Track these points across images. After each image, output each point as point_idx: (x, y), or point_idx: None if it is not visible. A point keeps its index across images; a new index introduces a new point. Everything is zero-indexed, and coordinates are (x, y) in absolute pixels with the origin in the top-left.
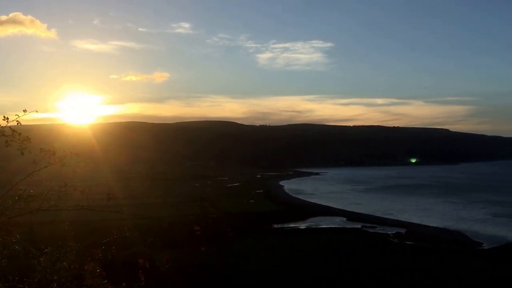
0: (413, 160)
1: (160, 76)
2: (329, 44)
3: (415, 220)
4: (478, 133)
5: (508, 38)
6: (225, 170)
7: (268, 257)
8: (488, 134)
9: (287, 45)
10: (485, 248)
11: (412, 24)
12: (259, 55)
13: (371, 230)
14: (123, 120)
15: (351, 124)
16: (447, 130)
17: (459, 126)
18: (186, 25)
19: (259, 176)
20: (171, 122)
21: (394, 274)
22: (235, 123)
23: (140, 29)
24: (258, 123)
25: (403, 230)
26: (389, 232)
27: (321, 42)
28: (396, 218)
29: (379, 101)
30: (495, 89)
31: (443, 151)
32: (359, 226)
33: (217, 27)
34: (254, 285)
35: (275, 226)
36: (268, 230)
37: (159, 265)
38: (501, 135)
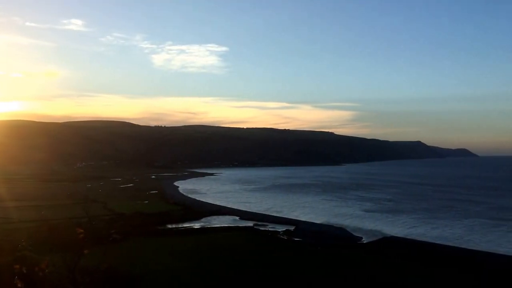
0: None
1: (50, 74)
2: (224, 48)
3: (302, 217)
4: (359, 136)
5: (385, 50)
6: (118, 171)
7: (159, 257)
8: (368, 138)
9: (183, 47)
10: (364, 242)
11: (301, 32)
12: (155, 56)
13: (262, 228)
14: (9, 119)
15: (244, 126)
16: (332, 133)
17: (343, 130)
18: (78, 22)
19: (153, 176)
20: (61, 121)
21: (281, 269)
22: (129, 123)
23: (27, 23)
24: (153, 123)
25: (292, 227)
26: (279, 230)
27: (216, 46)
28: (285, 216)
29: (271, 104)
30: (373, 97)
31: (328, 153)
32: (251, 224)
33: (112, 25)
34: (142, 286)
35: (169, 226)
36: (161, 230)
37: (38, 270)
38: (379, 138)
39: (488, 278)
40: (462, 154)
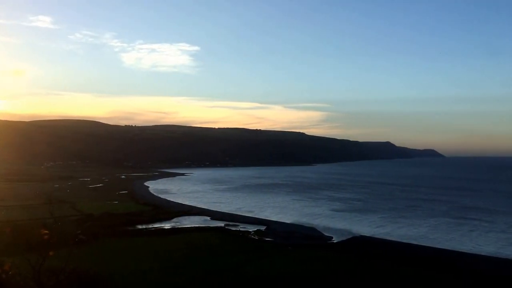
0: None
1: (17, 71)
2: (195, 48)
3: (273, 217)
4: (330, 137)
5: (355, 52)
6: (87, 171)
7: (128, 258)
8: (338, 138)
9: (154, 46)
10: (335, 241)
11: (273, 33)
12: (125, 55)
13: (233, 228)
14: None
15: (216, 126)
16: (303, 133)
17: (314, 130)
18: (47, 19)
19: (123, 176)
20: (29, 120)
21: (252, 269)
22: (99, 122)
23: None
24: (123, 123)
25: (263, 227)
26: (250, 230)
27: (187, 45)
28: (256, 216)
29: (243, 104)
30: (344, 97)
31: (299, 153)
32: (222, 224)
33: (81, 23)
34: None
35: (139, 227)
36: (131, 231)
37: (2, 272)
38: (349, 139)
39: (455, 277)
40: (429, 155)
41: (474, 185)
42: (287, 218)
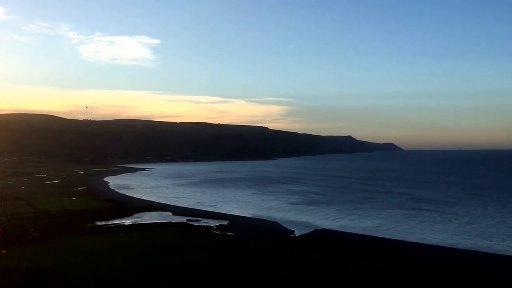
0: None
1: None
2: (156, 41)
3: (235, 212)
4: (292, 131)
5: (316, 47)
6: (44, 167)
7: (86, 255)
8: (300, 132)
9: (113, 38)
10: (297, 235)
11: (234, 27)
12: (83, 47)
13: (195, 223)
14: None
15: (177, 120)
16: (265, 128)
17: (276, 124)
18: None
19: (82, 172)
20: None
21: (215, 265)
22: (56, 116)
23: None
24: (81, 117)
25: (225, 222)
26: (212, 225)
27: (147, 38)
28: (218, 211)
29: (204, 99)
30: (306, 92)
31: (261, 147)
32: (184, 220)
33: (36, 14)
34: (66, 286)
35: (99, 223)
36: (90, 228)
37: None
38: (311, 133)
39: (402, 268)
40: (389, 148)
41: (429, 177)
42: (248, 212)
